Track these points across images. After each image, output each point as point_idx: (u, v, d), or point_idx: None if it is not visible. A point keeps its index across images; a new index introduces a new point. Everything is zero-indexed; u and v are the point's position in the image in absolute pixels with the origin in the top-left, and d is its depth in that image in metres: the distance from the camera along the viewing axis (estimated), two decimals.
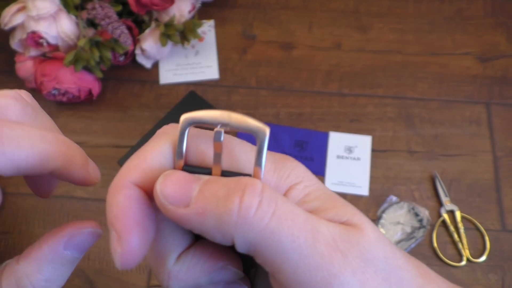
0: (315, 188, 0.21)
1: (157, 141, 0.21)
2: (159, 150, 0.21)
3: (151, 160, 0.20)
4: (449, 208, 0.62)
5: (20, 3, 0.63)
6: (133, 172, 0.20)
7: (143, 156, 0.21)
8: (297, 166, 0.22)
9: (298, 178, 0.21)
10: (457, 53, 0.73)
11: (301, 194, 0.21)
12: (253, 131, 0.20)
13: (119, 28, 0.64)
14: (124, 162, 0.57)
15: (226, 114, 0.21)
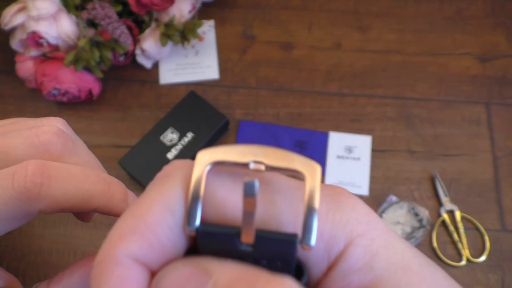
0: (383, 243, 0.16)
1: (161, 190, 0.15)
2: (164, 204, 0.15)
3: (154, 221, 0.15)
4: (449, 208, 0.62)
5: (20, 3, 0.63)
6: (130, 239, 0.14)
7: (142, 213, 0.15)
8: (356, 204, 0.16)
9: (359, 225, 0.16)
10: (457, 53, 0.73)
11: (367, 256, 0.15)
12: (298, 169, 0.15)
13: (119, 28, 0.64)
14: (124, 162, 0.55)
15: (260, 151, 0.15)
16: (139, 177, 0.61)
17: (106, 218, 0.61)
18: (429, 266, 0.16)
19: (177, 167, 0.16)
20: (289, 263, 0.15)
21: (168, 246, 0.15)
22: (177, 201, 0.15)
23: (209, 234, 0.15)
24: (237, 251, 0.15)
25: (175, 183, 0.15)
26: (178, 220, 0.15)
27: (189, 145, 0.63)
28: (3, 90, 0.71)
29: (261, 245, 0.15)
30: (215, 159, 0.15)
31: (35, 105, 0.69)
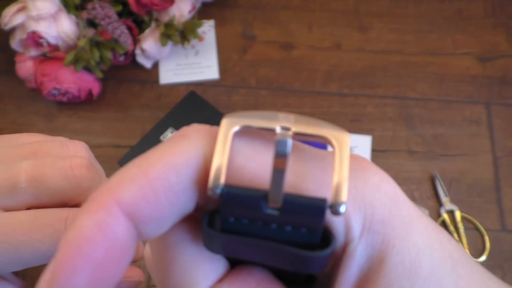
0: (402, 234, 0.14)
1: (172, 148, 0.14)
2: (171, 162, 0.14)
3: (156, 176, 0.14)
4: (449, 208, 0.62)
5: (20, 3, 0.63)
6: (125, 186, 0.13)
7: (146, 166, 0.14)
8: (382, 183, 0.15)
9: (382, 209, 0.14)
10: (457, 53, 0.73)
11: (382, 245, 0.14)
12: (327, 138, 0.15)
13: (119, 28, 0.64)
14: (124, 162, 0.55)
15: (289, 116, 0.15)
16: None
17: None
18: (441, 272, 0.15)
19: (196, 129, 0.15)
20: (315, 230, 0.14)
21: (164, 205, 0.14)
22: (186, 162, 0.14)
23: (234, 196, 0.14)
24: (261, 215, 0.14)
25: (190, 143, 0.14)
26: (182, 182, 0.14)
27: None
28: (3, 90, 0.71)
29: (289, 209, 0.14)
30: (242, 123, 0.14)
31: (35, 105, 0.69)
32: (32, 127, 0.68)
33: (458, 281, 0.15)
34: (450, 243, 0.16)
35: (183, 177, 0.14)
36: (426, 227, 0.15)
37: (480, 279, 0.16)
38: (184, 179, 0.14)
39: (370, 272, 0.14)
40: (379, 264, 0.14)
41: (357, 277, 0.14)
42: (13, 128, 0.68)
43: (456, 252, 0.15)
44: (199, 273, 0.15)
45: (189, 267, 0.15)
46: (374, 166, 0.16)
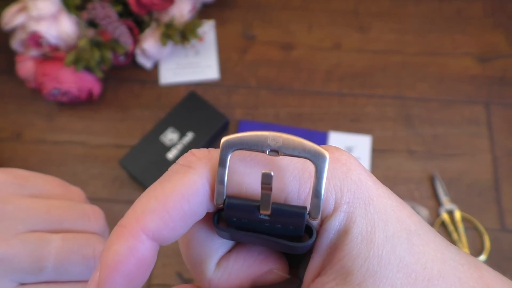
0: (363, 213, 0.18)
1: (183, 180, 0.18)
2: (184, 194, 0.18)
3: (173, 207, 0.18)
4: (449, 208, 0.62)
5: (20, 3, 0.63)
6: (150, 218, 0.18)
7: (164, 198, 0.18)
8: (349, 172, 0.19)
9: (348, 193, 0.19)
10: (457, 53, 0.73)
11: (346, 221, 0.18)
12: (309, 156, 0.18)
13: (119, 28, 0.64)
14: (125, 162, 0.57)
15: (277, 137, 0.18)
16: (139, 177, 0.61)
17: (107, 217, 0.61)
18: (394, 241, 0.18)
19: (199, 159, 0.19)
20: (299, 227, 0.19)
21: (181, 226, 0.18)
22: (195, 192, 0.18)
23: (234, 206, 0.18)
24: (256, 218, 0.18)
25: (195, 174, 0.18)
26: (193, 207, 0.18)
27: (189, 145, 0.63)
28: (3, 90, 0.71)
29: (276, 215, 0.18)
30: (237, 145, 0.18)
31: (35, 105, 0.69)
32: (32, 127, 0.68)
33: (412, 248, 0.18)
34: (410, 218, 0.19)
35: (194, 203, 0.18)
36: (385, 206, 0.19)
37: (436, 247, 0.19)
38: (195, 204, 0.18)
39: (337, 241, 0.18)
40: (344, 235, 0.18)
41: (328, 245, 0.19)
42: (13, 128, 0.68)
43: (414, 225, 0.19)
44: (212, 246, 0.20)
45: (204, 241, 0.20)
46: (344, 155, 0.20)
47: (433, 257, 0.18)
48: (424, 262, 0.18)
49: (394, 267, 0.18)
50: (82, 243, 0.28)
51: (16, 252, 0.26)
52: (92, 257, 0.28)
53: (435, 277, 0.18)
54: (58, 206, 0.29)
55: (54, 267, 0.27)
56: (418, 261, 0.18)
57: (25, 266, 0.26)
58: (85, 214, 0.30)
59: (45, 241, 0.27)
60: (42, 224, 0.28)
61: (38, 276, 0.26)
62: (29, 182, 0.29)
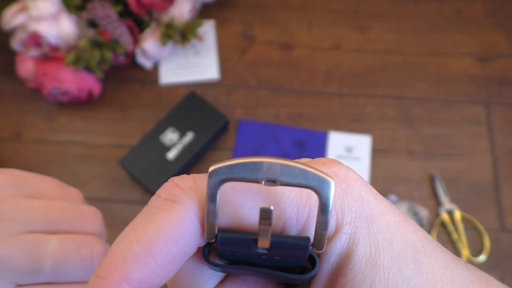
0: (366, 233, 0.17)
1: (168, 219, 0.16)
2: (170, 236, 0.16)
3: (159, 251, 0.16)
4: (449, 208, 0.62)
5: (20, 3, 0.63)
6: (134, 267, 0.15)
7: (148, 242, 0.16)
8: (349, 188, 0.17)
9: (349, 212, 0.17)
10: (457, 53, 0.73)
11: (349, 243, 0.17)
12: (312, 186, 0.16)
13: (119, 28, 0.64)
14: (125, 162, 0.57)
15: (274, 165, 0.15)
16: (139, 177, 0.61)
17: (106, 218, 0.61)
18: (401, 261, 0.17)
19: (183, 191, 0.16)
20: (301, 259, 0.17)
21: (169, 270, 0.16)
22: (183, 231, 0.16)
23: (228, 240, 0.16)
24: (253, 252, 0.17)
25: (181, 209, 0.16)
26: (183, 248, 0.16)
27: (190, 145, 0.63)
28: (3, 90, 0.71)
29: (276, 249, 0.16)
30: (228, 176, 0.15)
31: (35, 104, 0.69)
32: (32, 127, 0.68)
33: (420, 268, 0.17)
34: (416, 234, 0.18)
35: (183, 244, 0.16)
36: (388, 223, 0.17)
37: (444, 265, 0.18)
38: (184, 245, 0.16)
39: (340, 266, 0.17)
40: (346, 258, 0.17)
41: (330, 270, 0.17)
42: (13, 128, 0.68)
43: (420, 242, 0.18)
44: (202, 278, 0.18)
45: (193, 273, 0.18)
46: (343, 170, 0.18)
47: (442, 276, 0.17)
48: (433, 283, 0.17)
49: (403, 286, 0.17)
50: (79, 244, 0.28)
51: (13, 253, 0.25)
52: (90, 258, 0.28)
53: None
54: (56, 207, 0.29)
55: (51, 268, 0.26)
56: (428, 283, 0.17)
57: (22, 267, 0.26)
58: (83, 215, 0.29)
59: (42, 242, 0.26)
60: (39, 225, 0.27)
61: (35, 277, 0.26)
62: (27, 183, 0.29)
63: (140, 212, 0.17)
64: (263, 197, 0.17)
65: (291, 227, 0.17)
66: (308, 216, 0.17)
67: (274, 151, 0.66)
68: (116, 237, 0.17)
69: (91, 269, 0.28)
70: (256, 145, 0.66)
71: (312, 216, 0.17)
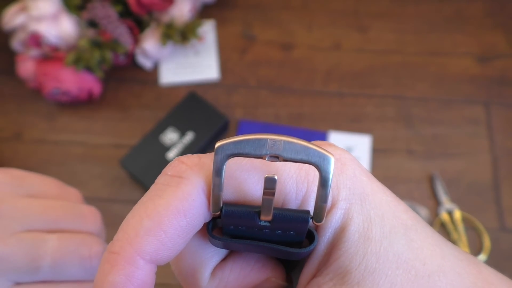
0: (359, 209, 0.18)
1: (176, 193, 0.17)
2: (179, 209, 0.16)
3: (169, 224, 0.16)
4: (448, 207, 0.62)
5: (20, 3, 0.64)
6: (145, 240, 0.16)
7: (158, 216, 0.16)
8: (344, 167, 0.18)
9: (344, 189, 0.18)
10: (457, 53, 0.73)
11: (344, 218, 0.18)
12: (313, 162, 0.16)
13: (119, 28, 0.64)
14: (125, 162, 0.58)
15: (277, 141, 0.16)
16: (140, 177, 0.61)
17: (106, 217, 0.61)
18: (392, 236, 0.18)
19: (190, 168, 0.17)
20: (302, 233, 0.18)
21: (179, 243, 0.17)
22: (190, 204, 0.17)
23: (232, 213, 0.17)
24: (256, 225, 0.17)
25: (188, 185, 0.17)
26: (191, 221, 0.17)
27: (190, 145, 0.63)
28: (3, 90, 0.71)
29: (278, 221, 0.17)
30: (233, 152, 0.16)
31: (35, 105, 0.69)
32: (32, 127, 0.68)
33: (410, 243, 0.18)
34: (407, 213, 0.19)
35: (191, 217, 0.17)
36: (380, 201, 0.18)
37: (434, 242, 0.18)
38: (192, 218, 0.17)
39: (334, 239, 0.18)
40: (341, 232, 0.18)
41: (325, 244, 0.18)
42: (13, 128, 0.68)
43: (411, 220, 0.19)
44: (206, 254, 0.19)
45: (197, 250, 0.19)
46: (339, 152, 0.19)
47: (432, 252, 0.18)
48: (423, 258, 0.18)
49: (393, 264, 0.17)
50: (78, 243, 0.28)
51: (12, 251, 0.26)
52: (88, 257, 0.28)
53: (435, 273, 0.18)
54: (55, 206, 0.29)
55: (50, 267, 0.26)
56: (417, 257, 0.18)
57: (21, 266, 0.26)
58: (82, 215, 0.30)
59: (41, 240, 0.27)
60: (38, 224, 0.27)
61: (34, 275, 0.26)
62: (26, 182, 0.29)
63: (148, 191, 0.18)
64: (265, 173, 0.17)
65: (291, 202, 0.18)
66: (306, 192, 0.18)
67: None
68: None
69: (89, 268, 0.28)
70: None
71: (310, 191, 0.18)
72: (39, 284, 0.27)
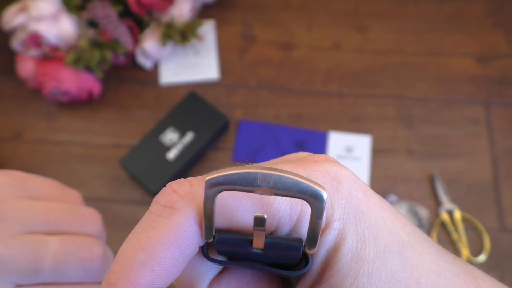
0: (353, 228, 0.18)
1: (168, 226, 0.17)
2: (172, 241, 0.17)
3: (163, 256, 0.17)
4: (449, 207, 0.62)
5: (20, 3, 0.64)
6: (140, 273, 0.17)
7: (151, 248, 0.17)
8: (339, 186, 0.18)
9: (339, 210, 0.18)
10: (457, 53, 0.73)
11: (337, 238, 0.18)
12: (305, 197, 0.16)
13: (119, 28, 0.64)
14: (125, 162, 0.58)
15: (268, 176, 0.16)
16: (139, 177, 0.61)
17: (105, 218, 0.61)
18: (386, 256, 0.18)
19: (181, 198, 0.18)
20: (295, 258, 0.18)
21: (174, 272, 0.17)
22: (183, 236, 0.17)
23: (224, 240, 0.17)
24: (248, 252, 0.18)
25: (180, 216, 0.17)
26: (184, 251, 0.17)
27: (189, 145, 0.63)
28: (3, 90, 0.71)
29: (270, 249, 0.18)
30: (224, 186, 0.16)
31: (35, 104, 0.69)
32: (32, 127, 0.68)
33: (405, 262, 0.18)
34: (403, 229, 0.19)
35: (185, 247, 0.17)
36: (376, 218, 0.18)
37: (431, 259, 0.18)
38: (185, 248, 0.17)
39: (328, 258, 0.18)
40: (334, 252, 0.18)
41: (319, 263, 0.18)
42: (13, 128, 0.68)
43: (407, 237, 0.18)
44: (202, 269, 0.19)
45: (194, 265, 0.19)
46: (334, 167, 0.19)
47: (427, 270, 0.18)
48: (417, 277, 0.18)
49: (385, 284, 0.17)
50: (79, 245, 0.28)
51: (13, 253, 0.26)
52: (89, 259, 0.28)
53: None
54: (56, 208, 0.29)
55: (51, 269, 0.27)
56: (412, 276, 0.18)
57: (22, 268, 0.26)
58: (82, 217, 0.30)
59: (42, 242, 0.27)
60: (39, 226, 0.27)
61: (35, 277, 0.26)
62: (27, 184, 0.29)
63: (141, 219, 0.18)
64: (258, 199, 0.17)
65: (285, 224, 0.18)
66: (300, 214, 0.18)
67: (274, 151, 0.66)
68: (116, 237, 0.17)
69: (90, 270, 0.28)
70: (256, 145, 0.66)
71: (304, 213, 0.18)
72: (40, 286, 0.27)
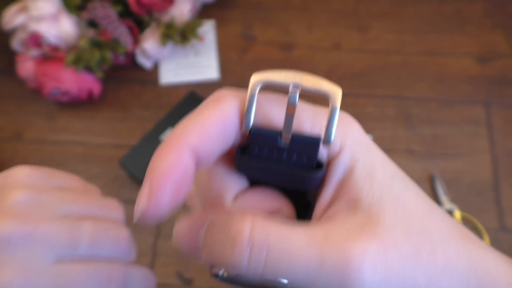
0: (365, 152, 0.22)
1: (216, 107, 0.21)
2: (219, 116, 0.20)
3: (210, 125, 0.20)
4: (449, 208, 0.62)
5: (20, 3, 0.64)
6: (190, 132, 0.20)
7: (201, 120, 0.20)
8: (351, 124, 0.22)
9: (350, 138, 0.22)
10: (456, 53, 0.73)
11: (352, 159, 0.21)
12: (325, 93, 0.20)
13: (119, 28, 0.64)
14: (125, 162, 0.59)
15: (298, 75, 0.20)
16: (139, 177, 0.61)
17: None
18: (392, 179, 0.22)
19: (229, 92, 0.21)
20: (312, 156, 0.21)
21: (216, 146, 0.20)
22: (228, 116, 0.20)
23: (259, 133, 0.21)
24: (277, 146, 0.21)
25: (227, 103, 0.21)
26: (227, 129, 0.20)
27: None
28: (3, 90, 0.71)
29: (295, 142, 0.21)
30: (266, 78, 0.20)
31: (35, 105, 0.69)
32: (32, 127, 0.68)
33: (407, 190, 0.22)
34: (401, 171, 0.23)
35: (228, 126, 0.20)
36: (382, 155, 0.23)
37: (424, 196, 0.23)
38: (229, 127, 0.20)
39: (345, 176, 0.22)
40: (350, 170, 0.21)
41: (338, 179, 0.22)
42: (13, 128, 0.68)
43: (404, 174, 0.23)
44: (229, 182, 0.23)
45: (222, 177, 0.23)
46: (347, 114, 0.23)
47: (424, 199, 0.22)
48: (416, 201, 0.22)
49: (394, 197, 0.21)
50: (109, 227, 0.31)
51: (54, 230, 0.28)
52: (118, 240, 0.31)
53: (426, 215, 0.21)
54: (84, 197, 0.32)
55: (88, 246, 0.29)
56: (411, 200, 0.21)
57: (63, 243, 0.28)
58: (107, 205, 0.33)
59: (78, 223, 0.30)
60: (73, 211, 0.30)
61: (74, 252, 0.29)
62: (55, 177, 0.33)
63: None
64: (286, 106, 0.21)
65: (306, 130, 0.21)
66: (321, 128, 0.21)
67: None
68: None
69: (119, 249, 0.31)
70: None
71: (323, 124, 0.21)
72: (78, 262, 0.29)
